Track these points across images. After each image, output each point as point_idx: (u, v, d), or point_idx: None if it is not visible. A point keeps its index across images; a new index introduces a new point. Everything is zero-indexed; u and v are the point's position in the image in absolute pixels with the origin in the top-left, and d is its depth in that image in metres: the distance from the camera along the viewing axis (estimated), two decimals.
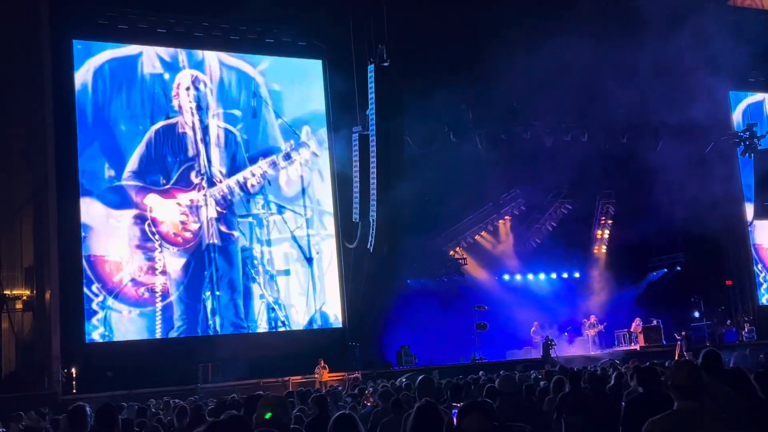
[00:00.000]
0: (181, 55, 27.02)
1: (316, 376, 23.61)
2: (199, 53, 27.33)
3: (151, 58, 26.55)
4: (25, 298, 24.89)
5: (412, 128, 27.18)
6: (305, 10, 27.07)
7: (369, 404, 11.31)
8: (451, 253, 31.06)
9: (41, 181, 24.52)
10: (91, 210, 25.13)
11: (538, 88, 27.88)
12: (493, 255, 31.63)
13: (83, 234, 24.78)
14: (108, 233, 25.24)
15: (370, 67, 23.70)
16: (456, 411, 4.53)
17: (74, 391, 22.47)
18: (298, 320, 27.18)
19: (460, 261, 30.93)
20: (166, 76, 26.68)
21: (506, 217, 31.91)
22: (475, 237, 31.42)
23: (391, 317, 27.31)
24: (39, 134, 24.66)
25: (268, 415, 5.46)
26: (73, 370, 23.09)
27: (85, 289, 24.53)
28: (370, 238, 24.99)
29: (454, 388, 9.58)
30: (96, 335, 24.52)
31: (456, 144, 27.99)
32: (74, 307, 24.10)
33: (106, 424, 6.18)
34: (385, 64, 23.39)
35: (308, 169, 28.40)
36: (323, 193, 28.62)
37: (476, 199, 31.05)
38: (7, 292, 24.48)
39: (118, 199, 25.44)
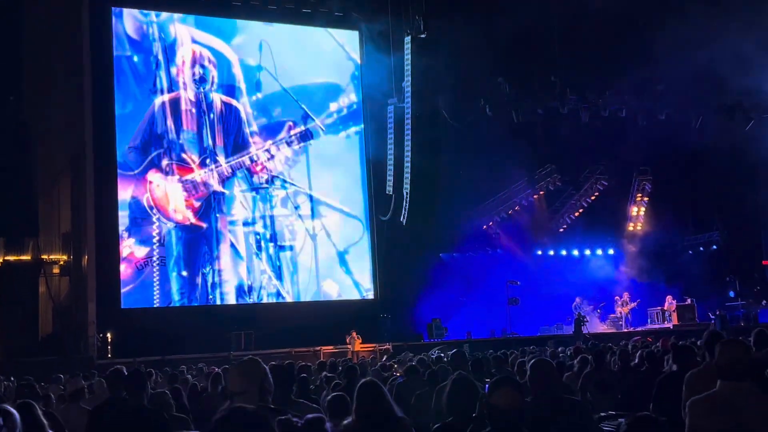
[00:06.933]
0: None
1: (348, 345, 23.76)
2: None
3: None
4: (62, 263, 25.28)
5: (448, 101, 27.05)
6: None
7: (399, 375, 11.36)
8: (485, 227, 30.99)
9: (79, 147, 24.79)
10: None
11: (576, 62, 27.59)
12: (526, 230, 31.46)
13: None
14: None
15: (407, 39, 23.60)
16: (487, 385, 4.57)
17: (109, 355, 22.83)
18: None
19: (494, 235, 30.86)
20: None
21: (541, 193, 31.71)
22: (509, 212, 31.28)
23: (423, 290, 27.34)
24: (77, 101, 24.90)
25: None
26: (109, 335, 23.45)
27: None
28: (403, 211, 25.01)
29: (475, 362, 9.66)
30: None
31: (492, 118, 27.82)
32: (110, 273, 24.42)
33: (134, 389, 6.24)
34: (422, 36, 23.27)
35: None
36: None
37: (511, 174, 30.88)
38: (44, 256, 24.88)
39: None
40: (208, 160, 26.27)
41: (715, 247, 32.38)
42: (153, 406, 6.54)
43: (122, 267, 24.74)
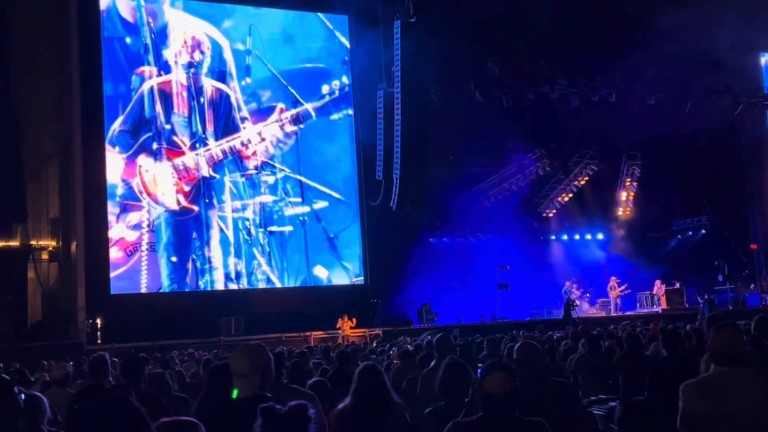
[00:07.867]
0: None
1: (339, 331, 23.73)
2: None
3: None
4: (50, 248, 25.18)
5: (438, 86, 26.99)
6: None
7: (397, 362, 11.35)
8: (474, 212, 30.97)
9: (67, 132, 24.63)
10: None
11: (565, 47, 27.57)
12: (516, 215, 31.46)
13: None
14: None
15: (397, 23, 23.50)
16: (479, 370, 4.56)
17: (99, 341, 22.72)
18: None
19: (483, 220, 30.86)
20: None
21: (530, 177, 31.70)
22: (499, 197, 31.27)
23: (413, 275, 27.34)
24: (66, 86, 24.73)
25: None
26: (98, 321, 23.37)
27: None
28: (393, 196, 24.97)
29: (464, 347, 9.63)
30: None
31: (482, 103, 27.77)
32: (100, 258, 24.28)
33: (131, 374, 6.19)
34: (412, 20, 23.17)
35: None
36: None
37: (501, 159, 30.88)
38: (33, 242, 24.77)
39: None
40: (198, 144, 26.11)
41: (703, 231, 32.48)
42: (151, 388, 6.47)
43: (111, 252, 24.62)
